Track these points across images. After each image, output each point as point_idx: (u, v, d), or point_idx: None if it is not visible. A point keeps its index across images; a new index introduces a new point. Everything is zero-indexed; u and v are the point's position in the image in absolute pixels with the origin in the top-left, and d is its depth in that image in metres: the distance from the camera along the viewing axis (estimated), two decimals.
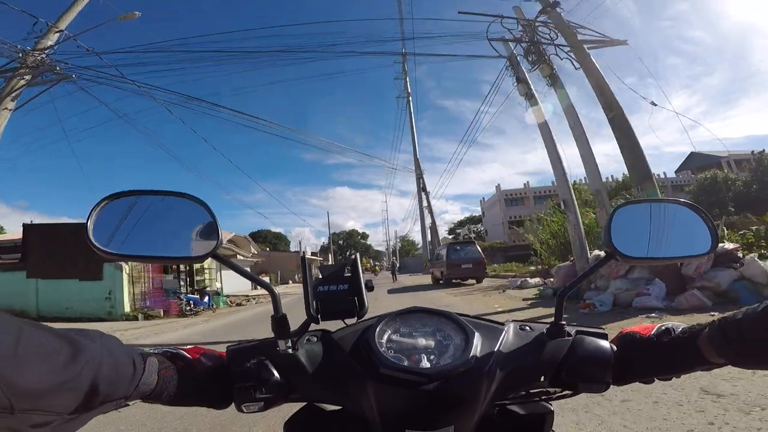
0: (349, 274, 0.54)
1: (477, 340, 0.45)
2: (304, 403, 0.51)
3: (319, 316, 0.50)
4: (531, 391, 0.51)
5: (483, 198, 48.39)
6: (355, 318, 0.52)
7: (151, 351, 0.43)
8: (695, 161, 36.90)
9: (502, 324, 0.51)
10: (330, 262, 58.69)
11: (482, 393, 0.43)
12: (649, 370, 0.46)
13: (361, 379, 0.43)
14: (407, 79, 24.16)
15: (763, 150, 25.52)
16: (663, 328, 0.47)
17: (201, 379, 0.43)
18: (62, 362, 0.31)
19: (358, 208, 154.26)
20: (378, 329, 0.47)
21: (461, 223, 57.52)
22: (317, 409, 0.51)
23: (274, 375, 0.43)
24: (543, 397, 0.52)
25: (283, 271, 35.43)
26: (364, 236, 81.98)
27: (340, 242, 76.05)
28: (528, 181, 43.62)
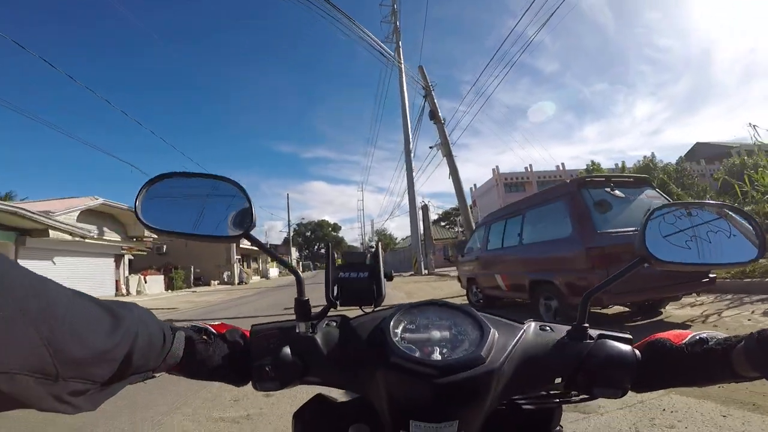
0: (371, 263, 0.56)
1: (492, 337, 0.46)
2: (314, 394, 0.54)
3: (338, 302, 0.52)
4: (544, 392, 0.52)
5: (474, 185, 41.81)
6: (372, 306, 0.54)
7: (180, 325, 0.45)
8: (702, 151, 36.49)
9: (523, 323, 0.51)
10: (292, 256, 52.30)
11: (490, 390, 0.43)
12: (675, 378, 0.46)
13: (373, 366, 0.45)
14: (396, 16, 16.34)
15: None
16: (697, 337, 0.46)
17: (224, 356, 0.46)
18: (105, 331, 0.32)
19: (335, 203, 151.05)
20: (394, 319, 0.48)
21: (446, 215, 50.23)
22: (326, 399, 0.54)
23: (290, 356, 0.46)
24: (555, 400, 0.53)
25: (206, 268, 25.65)
26: (336, 228, 74.29)
27: (308, 234, 67.42)
28: (530, 164, 36.97)
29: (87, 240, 14.73)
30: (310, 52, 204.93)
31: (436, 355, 0.44)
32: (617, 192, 4.17)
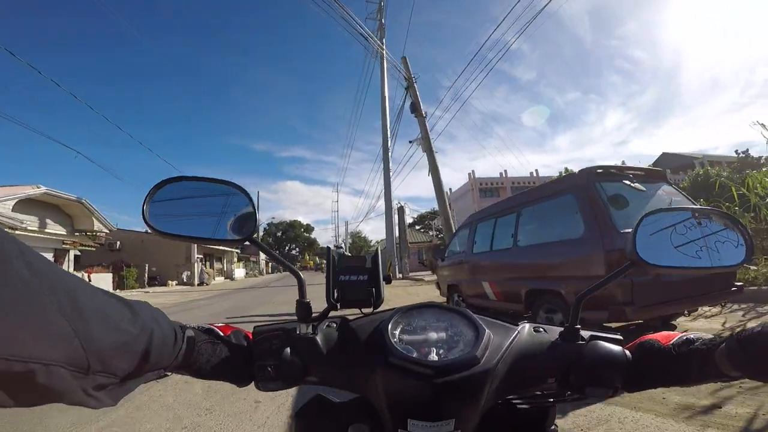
0: (370, 266, 0.58)
1: (487, 338, 0.47)
2: (314, 394, 0.55)
3: (338, 304, 0.54)
4: (537, 392, 0.53)
5: (450, 189, 42.14)
6: (371, 308, 0.55)
7: (188, 325, 0.45)
8: (668, 162, 37.29)
9: (517, 324, 0.53)
10: (261, 256, 50.43)
11: (486, 389, 0.45)
12: (664, 378, 0.47)
13: (372, 366, 0.46)
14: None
15: (747, 150, 26.51)
16: (684, 338, 0.48)
17: (229, 356, 0.46)
18: (126, 324, 0.33)
19: (309, 204, 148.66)
20: (392, 321, 0.49)
21: (421, 218, 49.99)
22: (327, 399, 0.55)
23: (292, 357, 0.47)
24: (549, 399, 0.54)
25: (163, 267, 23.94)
26: (308, 229, 72.22)
27: (279, 234, 65.28)
28: (506, 170, 37.42)
29: (18, 231, 13.04)
30: (289, 48, 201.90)
31: (433, 356, 0.45)
32: (637, 185, 3.44)
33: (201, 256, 28.56)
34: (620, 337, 0.50)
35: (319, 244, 75.75)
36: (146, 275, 24.21)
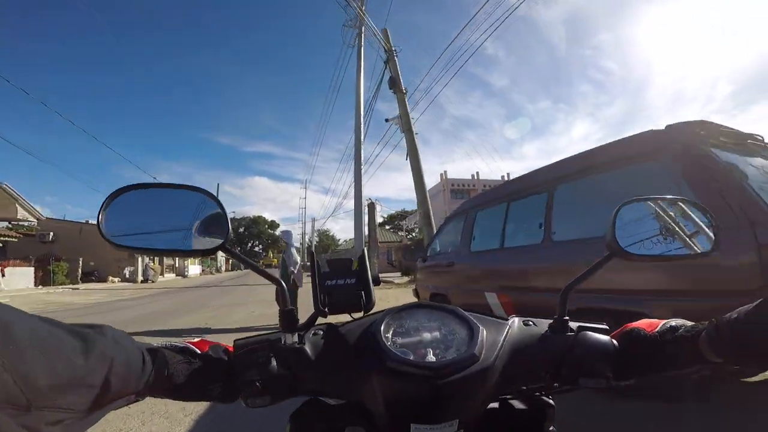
0: (357, 268, 0.56)
1: (481, 335, 0.46)
2: (309, 397, 0.52)
3: (326, 309, 0.53)
4: (533, 386, 0.52)
5: None
6: (362, 312, 0.53)
7: (159, 345, 0.43)
8: None
9: (507, 319, 0.52)
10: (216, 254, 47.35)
11: (486, 386, 0.44)
12: (650, 366, 0.48)
13: (367, 373, 0.44)
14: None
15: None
16: (668, 325, 0.48)
17: (209, 374, 0.44)
18: (75, 356, 0.31)
19: (277, 201, 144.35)
20: (384, 323, 0.48)
21: (391, 218, 48.92)
22: (322, 402, 0.52)
23: (280, 369, 0.44)
24: (544, 393, 0.53)
25: (103, 262, 21.37)
26: (273, 225, 68.99)
27: (241, 230, 61.93)
28: (477, 172, 37.02)
29: None
30: (257, 39, 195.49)
31: (430, 357, 0.44)
32: None
33: None
34: (606, 327, 0.50)
35: (283, 241, 72.71)
36: (80, 270, 21.30)
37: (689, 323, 0.47)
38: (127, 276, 23.59)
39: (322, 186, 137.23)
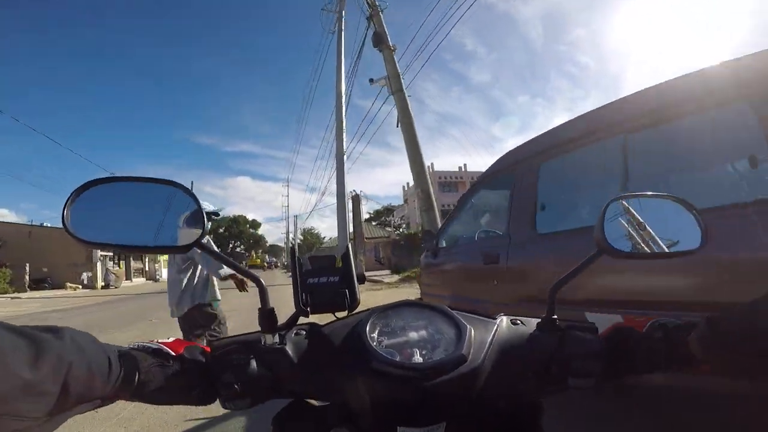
0: (341, 266, 0.53)
1: (469, 335, 0.44)
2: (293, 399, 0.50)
3: (308, 309, 0.49)
4: (521, 386, 0.49)
5: (407, 183, 39.73)
6: (346, 311, 0.51)
7: (130, 346, 0.41)
8: None
9: (494, 318, 0.51)
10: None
11: (475, 388, 0.43)
12: (639, 365, 0.47)
13: (352, 374, 0.43)
14: None
15: None
16: (657, 324, 0.48)
17: (185, 376, 0.41)
18: (25, 362, 0.29)
19: (258, 200, 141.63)
20: (369, 323, 0.46)
21: (378, 214, 47.31)
22: (306, 404, 0.50)
23: (260, 370, 0.43)
24: (533, 393, 0.51)
25: (57, 267, 19.39)
26: (255, 224, 66.72)
27: (221, 230, 59.45)
28: (465, 164, 35.62)
29: None
30: (233, 34, 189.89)
31: (417, 357, 0.43)
32: None
33: (109, 254, 23.34)
34: (595, 326, 0.49)
35: (266, 241, 70.42)
36: (26, 277, 18.88)
37: (678, 321, 0.47)
38: (85, 282, 21.12)
39: (306, 185, 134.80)
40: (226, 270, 2.74)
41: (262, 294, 0.46)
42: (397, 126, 9.01)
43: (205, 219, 0.47)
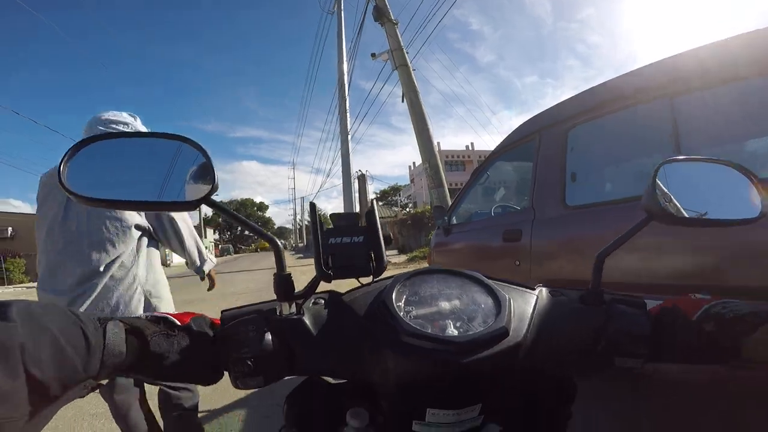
0: (365, 225, 0.46)
1: (510, 306, 0.41)
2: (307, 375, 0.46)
3: (331, 272, 0.43)
4: (562, 364, 0.45)
5: (413, 163, 39.45)
6: (371, 277, 0.45)
7: (137, 317, 0.37)
8: None
9: (534, 289, 0.47)
10: (208, 237, 45.57)
11: (516, 366, 0.39)
12: (683, 354, 0.42)
13: (378, 348, 0.39)
14: None
15: None
16: (712, 310, 0.41)
17: (190, 349, 0.37)
18: None
19: (267, 184, 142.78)
20: (396, 291, 0.42)
21: (384, 194, 47.19)
22: (322, 381, 0.47)
23: (275, 345, 0.39)
24: (574, 373, 0.47)
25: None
26: (263, 207, 66.86)
27: None
28: (472, 143, 35.21)
29: None
30: (235, 22, 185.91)
31: (451, 330, 0.38)
32: None
33: None
34: (643, 301, 0.45)
35: (274, 223, 70.80)
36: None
37: (741, 310, 0.40)
38: None
39: (311, 166, 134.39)
40: (210, 261, 1.67)
41: (278, 257, 0.43)
42: (402, 101, 8.60)
43: (216, 175, 0.43)
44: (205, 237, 45.85)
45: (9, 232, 20.58)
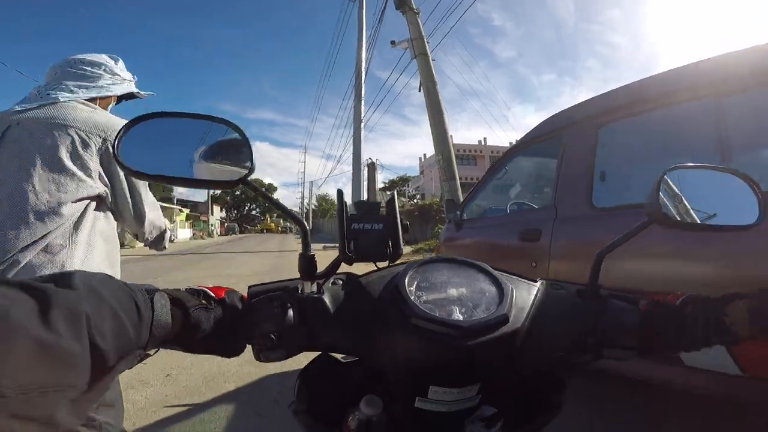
0: (385, 213, 0.50)
1: (512, 295, 0.43)
2: (319, 353, 0.48)
3: (352, 256, 0.47)
4: (556, 353, 0.47)
5: (424, 155, 39.17)
6: (387, 262, 0.49)
7: (177, 288, 0.39)
8: None
9: (535, 281, 0.50)
10: (215, 215, 45.81)
11: (514, 350, 0.42)
12: (675, 341, 0.45)
13: (390, 328, 0.41)
14: None
15: None
16: (689, 296, 0.46)
17: (223, 322, 0.39)
18: (29, 321, 0.24)
19: (278, 167, 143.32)
20: (408, 276, 0.44)
21: (393, 183, 47.04)
22: (332, 358, 0.49)
23: (296, 321, 0.41)
24: (569, 360, 0.49)
25: None
26: (271, 188, 67.32)
27: (237, 192, 60.02)
28: (485, 138, 34.76)
29: None
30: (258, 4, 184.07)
31: (457, 315, 0.41)
32: None
33: None
34: (635, 297, 0.48)
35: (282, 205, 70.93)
36: None
37: (715, 295, 0.46)
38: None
39: (322, 151, 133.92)
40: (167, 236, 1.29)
41: (305, 237, 0.46)
42: (419, 90, 8.42)
43: (253, 156, 0.46)
44: (212, 214, 46.23)
45: None
